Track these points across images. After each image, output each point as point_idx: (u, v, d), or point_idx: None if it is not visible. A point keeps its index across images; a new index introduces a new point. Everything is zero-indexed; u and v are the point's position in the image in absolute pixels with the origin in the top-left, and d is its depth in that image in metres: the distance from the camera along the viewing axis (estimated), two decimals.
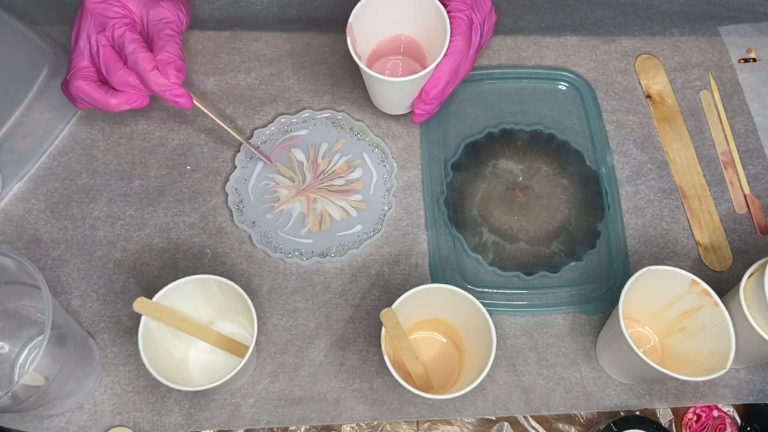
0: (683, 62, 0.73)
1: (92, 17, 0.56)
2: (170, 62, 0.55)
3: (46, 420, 0.56)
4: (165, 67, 0.55)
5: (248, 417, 0.57)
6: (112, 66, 0.56)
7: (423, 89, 0.60)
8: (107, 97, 0.57)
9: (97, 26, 0.56)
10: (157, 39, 0.56)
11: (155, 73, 0.55)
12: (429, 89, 0.60)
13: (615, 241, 0.64)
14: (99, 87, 0.57)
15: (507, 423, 0.58)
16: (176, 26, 0.57)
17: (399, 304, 0.52)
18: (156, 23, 0.56)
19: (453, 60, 0.59)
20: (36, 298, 0.56)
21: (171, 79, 0.55)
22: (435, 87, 0.60)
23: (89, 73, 0.57)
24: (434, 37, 0.61)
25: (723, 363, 0.51)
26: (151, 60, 0.55)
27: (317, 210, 0.64)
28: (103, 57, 0.56)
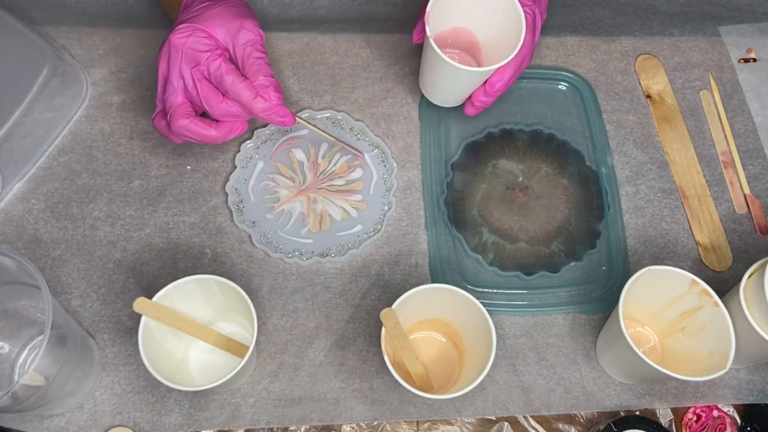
0: (683, 62, 0.73)
1: (182, 53, 0.55)
2: (269, 85, 0.56)
3: (46, 420, 0.56)
4: (265, 91, 0.56)
5: (248, 417, 0.57)
6: (213, 99, 0.56)
7: (488, 81, 0.61)
8: (211, 131, 0.57)
9: (189, 61, 0.55)
10: (249, 64, 0.56)
11: (259, 100, 0.56)
12: (495, 81, 0.60)
13: (615, 241, 0.64)
14: (201, 122, 0.57)
15: (507, 423, 0.58)
16: (261, 46, 0.57)
17: (399, 304, 0.52)
18: (244, 47, 0.56)
19: (522, 54, 0.59)
20: (36, 298, 0.56)
21: (273, 101, 0.56)
22: (501, 80, 0.60)
23: (188, 110, 0.57)
24: (500, 33, 0.60)
25: (723, 363, 0.51)
26: (251, 88, 0.55)
27: (317, 210, 0.64)
28: (202, 92, 0.56)
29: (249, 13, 0.59)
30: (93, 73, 0.69)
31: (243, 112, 0.57)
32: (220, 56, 0.55)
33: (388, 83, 0.70)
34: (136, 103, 0.68)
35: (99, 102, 0.68)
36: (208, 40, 0.56)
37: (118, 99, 0.68)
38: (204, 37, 0.56)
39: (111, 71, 0.69)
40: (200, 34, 0.56)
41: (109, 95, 0.68)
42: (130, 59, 0.70)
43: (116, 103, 0.68)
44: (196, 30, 0.55)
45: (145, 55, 0.70)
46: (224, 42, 0.57)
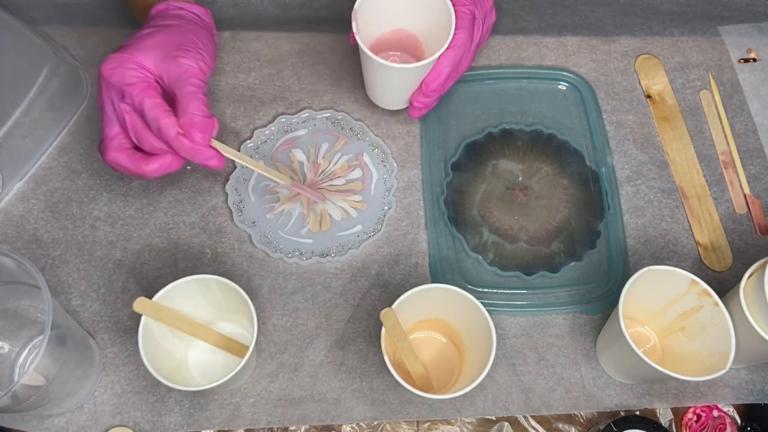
0: (683, 62, 0.73)
1: (110, 84, 0.52)
2: (194, 123, 0.52)
3: (46, 420, 0.56)
4: (189, 130, 0.52)
5: (248, 417, 0.57)
6: (141, 133, 0.53)
7: (423, 81, 0.61)
8: (141, 166, 0.54)
9: (117, 93, 0.53)
10: (180, 98, 0.53)
11: (179, 139, 0.52)
12: (429, 81, 0.60)
13: (615, 241, 0.64)
14: (131, 156, 0.54)
15: (507, 423, 0.58)
16: (198, 79, 0.53)
17: (399, 304, 0.52)
18: (176, 80, 0.53)
19: (455, 53, 0.59)
20: (36, 298, 0.56)
21: (197, 142, 0.52)
22: (436, 79, 0.60)
23: (122, 141, 0.54)
24: (435, 32, 0.61)
25: (723, 363, 0.51)
26: (173, 125, 0.52)
27: (317, 210, 0.64)
28: (130, 124, 0.53)
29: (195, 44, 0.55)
30: (93, 73, 0.69)
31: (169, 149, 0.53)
32: (145, 89, 0.52)
33: None
34: None
35: None
36: (136, 72, 0.52)
37: None
38: (132, 68, 0.52)
39: None
40: (130, 65, 0.52)
41: None
42: None
43: None
44: (125, 60, 0.52)
45: None
46: (157, 72, 0.53)
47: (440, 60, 0.59)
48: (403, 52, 0.68)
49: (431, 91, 0.61)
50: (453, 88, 0.70)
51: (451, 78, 0.61)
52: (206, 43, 0.57)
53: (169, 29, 0.56)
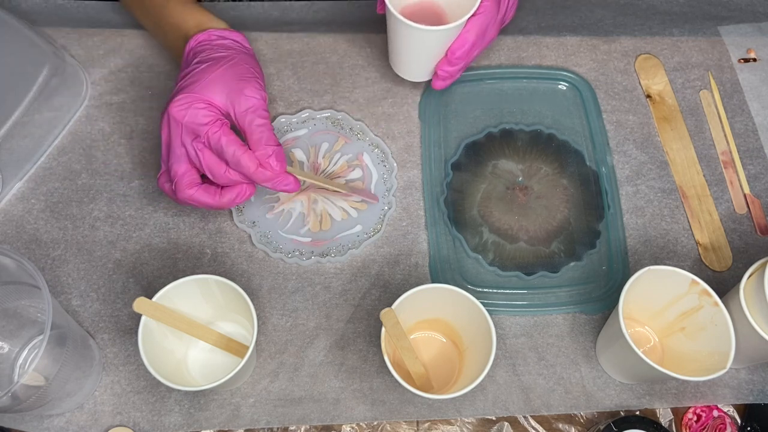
0: (683, 62, 0.73)
1: (182, 125, 0.54)
2: (270, 155, 0.54)
3: (46, 420, 0.56)
4: (267, 161, 0.54)
5: (248, 417, 0.57)
6: (216, 169, 0.54)
7: (449, 49, 0.61)
8: (218, 200, 0.56)
9: (189, 133, 0.54)
10: (251, 132, 0.54)
11: (261, 171, 0.54)
12: (456, 48, 0.60)
13: (615, 241, 0.64)
14: (206, 190, 0.56)
15: (507, 423, 0.58)
16: (263, 110, 0.56)
17: (399, 304, 0.52)
18: (244, 114, 0.55)
19: (482, 20, 0.59)
20: (36, 298, 0.56)
21: (276, 170, 0.55)
22: (462, 46, 0.60)
23: (193, 177, 0.56)
24: (462, 3, 0.60)
25: (723, 363, 0.51)
26: (253, 159, 0.54)
27: (317, 210, 0.64)
28: (205, 161, 0.54)
29: (251, 73, 0.57)
30: (93, 73, 0.69)
31: (245, 179, 0.55)
32: (221, 128, 0.54)
33: (388, 83, 0.70)
34: (135, 103, 0.68)
35: (99, 102, 0.68)
36: (207, 111, 0.54)
37: (117, 99, 0.68)
38: (203, 107, 0.54)
39: (111, 71, 0.69)
40: (199, 105, 0.54)
41: (108, 95, 0.68)
42: (130, 59, 0.70)
43: (116, 103, 0.68)
44: (194, 101, 0.54)
45: (144, 55, 0.70)
46: (225, 108, 0.55)
47: (467, 27, 0.59)
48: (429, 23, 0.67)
49: (457, 59, 0.61)
50: (453, 88, 0.70)
51: (477, 46, 0.61)
52: (259, 70, 0.59)
53: (222, 62, 0.57)
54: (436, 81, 0.64)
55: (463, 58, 0.61)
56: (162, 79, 0.69)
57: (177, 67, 0.69)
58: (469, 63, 0.63)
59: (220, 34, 0.60)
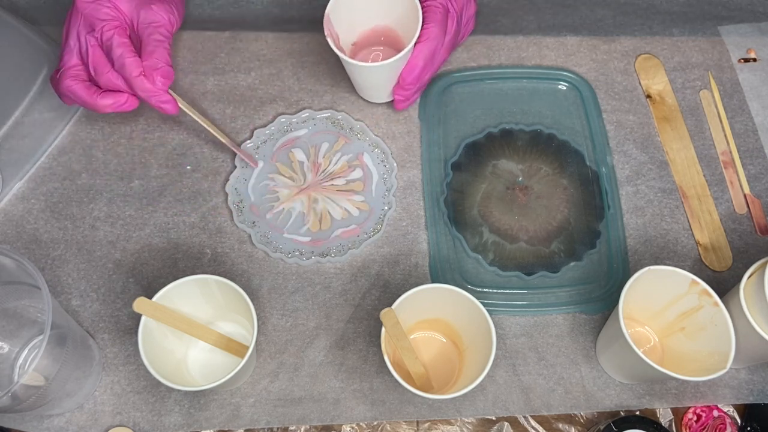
0: (683, 62, 0.73)
1: (82, 17, 0.55)
2: (157, 68, 0.55)
3: (46, 420, 0.56)
4: (152, 73, 0.55)
5: (248, 417, 0.57)
6: (100, 68, 0.55)
7: (400, 76, 0.62)
8: (95, 99, 0.56)
9: (86, 26, 0.55)
10: (146, 44, 0.56)
11: (141, 79, 0.55)
12: (405, 75, 0.62)
13: (615, 241, 0.64)
14: (88, 88, 0.56)
15: (507, 423, 0.58)
16: (166, 30, 0.57)
17: (399, 304, 0.52)
18: (146, 26, 0.56)
19: (427, 46, 0.60)
20: (36, 298, 0.56)
21: (157, 85, 0.55)
22: (411, 73, 0.61)
23: (78, 72, 0.57)
24: (410, 25, 0.62)
25: (723, 363, 0.51)
26: (137, 65, 0.55)
27: (317, 210, 0.64)
28: (92, 58, 0.55)
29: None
30: None
31: (127, 87, 0.56)
32: (116, 27, 0.55)
33: None
34: None
35: None
36: (109, 10, 0.55)
37: None
38: (107, 6, 0.55)
39: None
40: (104, 2, 0.55)
41: None
42: None
43: None
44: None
45: None
46: (129, 16, 0.56)
47: (414, 53, 0.60)
48: (386, 46, 0.68)
49: (408, 84, 0.62)
50: (453, 88, 0.70)
51: (427, 70, 0.62)
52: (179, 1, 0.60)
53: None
54: (396, 103, 0.66)
55: (414, 83, 0.62)
56: None
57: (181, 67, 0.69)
58: (424, 85, 0.65)
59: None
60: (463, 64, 0.72)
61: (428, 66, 0.62)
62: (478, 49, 0.72)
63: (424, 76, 0.63)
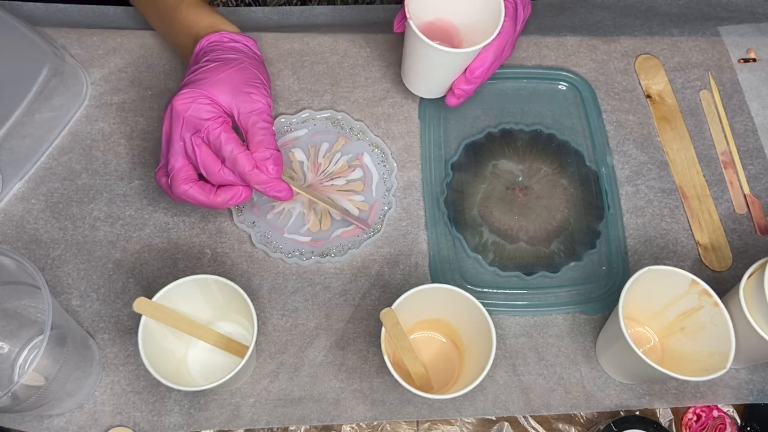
0: (683, 62, 0.73)
1: (183, 119, 0.54)
2: (268, 158, 0.54)
3: (46, 420, 0.56)
4: (263, 164, 0.54)
5: (248, 417, 0.57)
6: (211, 167, 0.54)
7: (468, 68, 0.61)
8: (213, 199, 0.55)
9: (190, 128, 0.54)
10: (253, 134, 0.55)
11: (255, 172, 0.54)
12: (475, 68, 0.61)
13: (615, 241, 0.64)
14: (203, 188, 0.55)
15: (507, 423, 0.58)
16: (267, 116, 0.56)
17: (399, 304, 0.52)
18: (248, 115, 0.55)
19: (500, 41, 0.60)
20: (36, 298, 0.56)
21: (271, 174, 0.55)
22: (481, 66, 0.61)
23: (189, 173, 0.55)
24: (479, 21, 0.61)
25: (723, 363, 0.51)
26: (250, 159, 0.54)
27: (317, 209, 0.64)
28: (201, 158, 0.54)
29: (259, 80, 0.57)
30: (93, 73, 0.69)
31: (239, 180, 0.55)
32: (222, 124, 0.54)
33: (388, 83, 0.70)
34: (136, 103, 0.68)
35: (99, 102, 0.68)
36: (210, 107, 0.54)
37: (118, 99, 0.68)
38: (207, 103, 0.54)
39: (111, 71, 0.69)
40: (203, 100, 0.54)
41: (109, 95, 0.68)
42: (130, 59, 0.70)
43: (116, 103, 0.68)
44: (199, 96, 0.54)
45: (145, 55, 0.70)
46: (228, 108, 0.55)
47: (486, 47, 0.60)
48: (442, 41, 0.67)
49: (475, 78, 0.61)
50: None
51: (495, 65, 0.62)
52: (267, 78, 0.59)
53: (232, 64, 0.57)
54: (451, 98, 0.65)
55: (482, 77, 0.62)
56: (162, 79, 0.69)
57: (181, 67, 0.69)
58: (485, 81, 0.64)
59: (232, 37, 0.60)
60: None
61: (497, 61, 0.61)
62: None
63: (491, 71, 0.62)
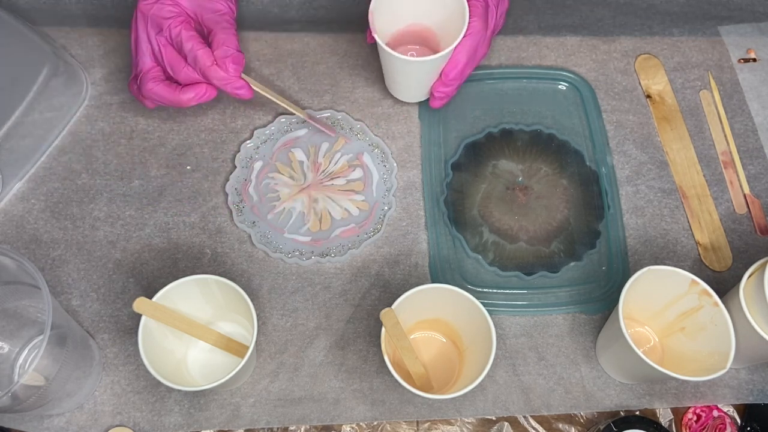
0: (683, 62, 0.73)
1: (148, 19, 0.57)
2: (228, 56, 0.57)
3: (46, 420, 0.56)
4: (223, 61, 0.57)
5: (248, 417, 0.57)
6: (176, 65, 0.58)
7: (443, 71, 0.62)
8: (178, 95, 0.58)
9: (154, 27, 0.58)
10: (214, 33, 0.58)
11: (215, 68, 0.57)
12: (448, 70, 0.61)
13: (615, 241, 0.64)
14: (169, 86, 0.58)
15: (507, 423, 0.58)
16: (230, 17, 0.59)
17: (399, 304, 0.52)
18: (210, 16, 0.58)
19: (471, 41, 0.60)
20: (36, 298, 0.56)
21: (230, 72, 0.57)
22: (454, 68, 0.61)
23: (157, 73, 0.59)
24: (450, 23, 0.62)
25: (723, 363, 0.51)
26: (209, 56, 0.57)
27: (317, 209, 0.64)
28: (166, 57, 0.58)
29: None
30: (93, 73, 0.69)
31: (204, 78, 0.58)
32: (182, 23, 0.57)
33: None
34: (136, 103, 0.68)
35: (99, 102, 0.68)
36: (172, 8, 0.57)
37: (118, 99, 0.68)
38: (169, 4, 0.57)
39: (111, 71, 0.69)
40: (166, 1, 0.57)
41: (109, 95, 0.68)
42: (130, 59, 0.70)
43: (116, 103, 0.68)
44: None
45: None
46: (192, 9, 0.58)
47: (457, 49, 0.60)
48: (421, 45, 0.68)
49: (450, 80, 0.62)
50: None
51: (469, 66, 0.62)
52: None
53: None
54: (433, 101, 0.66)
55: (457, 78, 0.62)
56: None
57: None
58: (462, 82, 0.64)
59: None
60: None
61: (471, 61, 0.62)
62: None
63: (467, 72, 0.63)
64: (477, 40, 0.60)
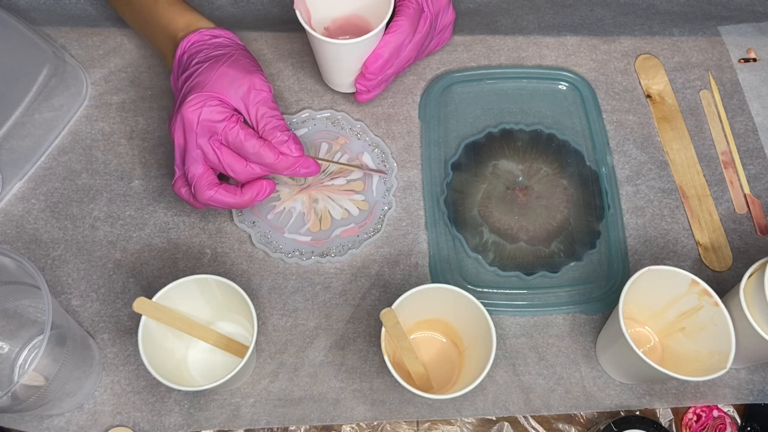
0: (683, 62, 0.73)
1: (197, 125, 0.54)
2: (287, 140, 0.55)
3: (46, 420, 0.56)
4: (285, 147, 0.55)
5: (248, 417, 0.57)
6: (236, 166, 0.55)
7: (364, 64, 0.62)
8: (239, 198, 0.56)
9: (205, 132, 0.54)
10: (263, 123, 0.55)
11: (282, 159, 0.55)
12: (369, 63, 0.62)
13: (615, 241, 0.64)
14: (227, 190, 0.56)
15: (507, 423, 0.58)
16: (272, 102, 0.57)
17: (399, 304, 0.52)
18: (256, 107, 0.55)
19: (395, 38, 0.61)
20: (36, 298, 0.56)
21: (295, 155, 0.56)
22: (375, 61, 0.61)
23: (211, 178, 0.56)
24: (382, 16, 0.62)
25: (723, 363, 0.51)
26: (272, 149, 0.55)
27: (318, 209, 0.64)
28: (224, 160, 0.55)
29: (254, 66, 0.58)
30: (93, 73, 0.69)
31: (265, 171, 0.56)
32: (237, 123, 0.54)
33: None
34: (136, 103, 0.68)
35: (99, 102, 0.68)
36: (221, 108, 0.54)
37: (118, 99, 0.68)
38: (217, 104, 0.54)
39: (111, 71, 0.69)
40: (212, 102, 0.54)
41: (109, 95, 0.68)
42: (130, 59, 0.70)
43: (116, 103, 0.68)
44: (207, 99, 0.54)
45: (145, 55, 0.70)
46: (236, 104, 0.56)
47: (380, 44, 0.61)
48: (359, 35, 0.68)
49: (370, 73, 0.62)
50: (453, 88, 0.70)
51: (390, 62, 0.62)
52: (257, 63, 0.59)
53: (223, 59, 0.57)
54: (357, 95, 0.66)
55: (377, 72, 0.62)
56: (162, 79, 0.69)
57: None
58: (386, 79, 0.64)
59: (212, 33, 0.60)
60: (463, 64, 0.72)
61: (392, 58, 0.62)
62: (478, 49, 0.73)
63: (387, 69, 0.63)
64: (401, 39, 0.61)
